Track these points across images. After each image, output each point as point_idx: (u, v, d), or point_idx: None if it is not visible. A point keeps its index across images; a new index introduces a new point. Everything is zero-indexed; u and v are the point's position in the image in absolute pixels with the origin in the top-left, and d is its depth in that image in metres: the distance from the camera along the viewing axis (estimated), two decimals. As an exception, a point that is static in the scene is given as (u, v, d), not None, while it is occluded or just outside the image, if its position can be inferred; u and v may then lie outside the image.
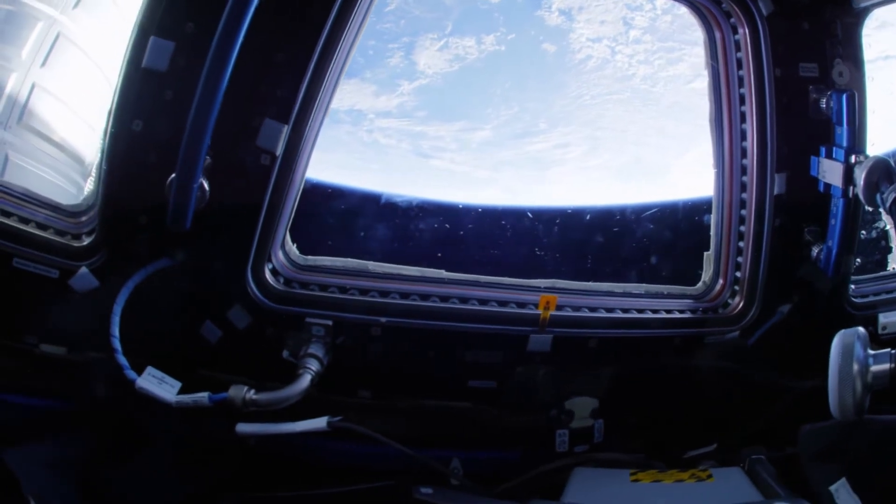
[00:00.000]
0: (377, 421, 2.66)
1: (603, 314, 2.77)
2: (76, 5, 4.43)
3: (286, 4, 2.29)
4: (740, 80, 2.77)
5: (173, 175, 2.28)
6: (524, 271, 2.88)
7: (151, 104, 2.31)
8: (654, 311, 2.84)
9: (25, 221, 2.60)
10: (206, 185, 2.33)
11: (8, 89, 4.18)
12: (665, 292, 2.90)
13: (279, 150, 2.35)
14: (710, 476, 2.56)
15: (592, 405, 2.82)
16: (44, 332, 2.67)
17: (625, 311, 2.80)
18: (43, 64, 4.31)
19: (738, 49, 2.74)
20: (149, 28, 2.25)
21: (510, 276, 2.85)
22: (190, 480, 2.68)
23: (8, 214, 2.60)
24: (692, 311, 2.90)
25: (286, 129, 2.34)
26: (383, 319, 2.56)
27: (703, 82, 2.98)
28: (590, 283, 2.84)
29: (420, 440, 2.72)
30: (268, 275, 2.56)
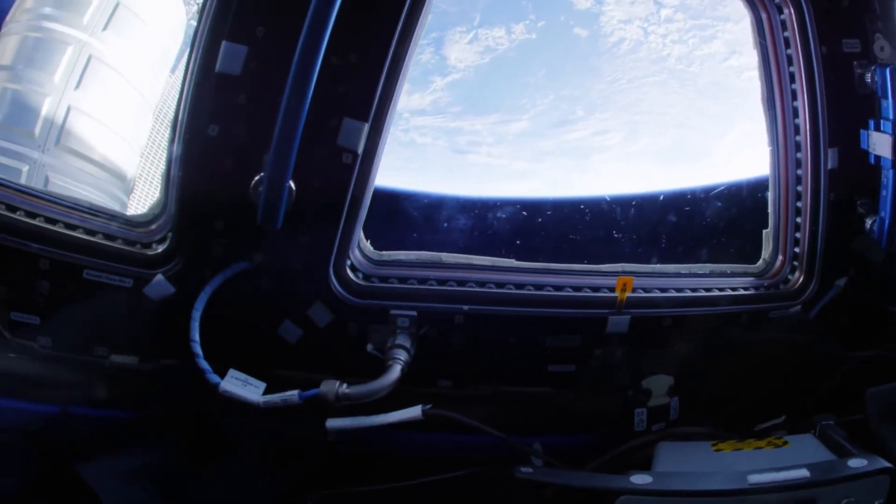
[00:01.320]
0: (457, 410, 2.64)
1: (673, 294, 2.78)
2: (105, 27, 4.43)
3: (358, 4, 2.29)
4: (789, 58, 2.80)
5: (259, 176, 2.26)
6: (586, 258, 2.88)
7: (227, 109, 2.30)
8: (721, 290, 2.86)
9: (92, 233, 2.59)
10: (292, 185, 2.31)
11: (44, 113, 4.17)
12: (728, 271, 2.93)
13: (360, 149, 2.34)
14: (785, 443, 2.59)
15: (668, 383, 2.82)
16: (114, 342, 2.66)
17: (693, 290, 2.82)
18: (77, 86, 4.31)
19: (784, 28, 2.78)
20: (219, 33, 2.25)
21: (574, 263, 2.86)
22: (276, 481, 2.65)
23: (73, 227, 2.59)
24: (755, 288, 2.92)
25: (366, 128, 2.33)
26: (466, 308, 2.56)
27: (738, 60, 3.00)
28: (657, 266, 2.86)
29: (499, 427, 2.69)
30: (348, 271, 2.54)
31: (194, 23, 4.95)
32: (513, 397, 2.78)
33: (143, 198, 4.63)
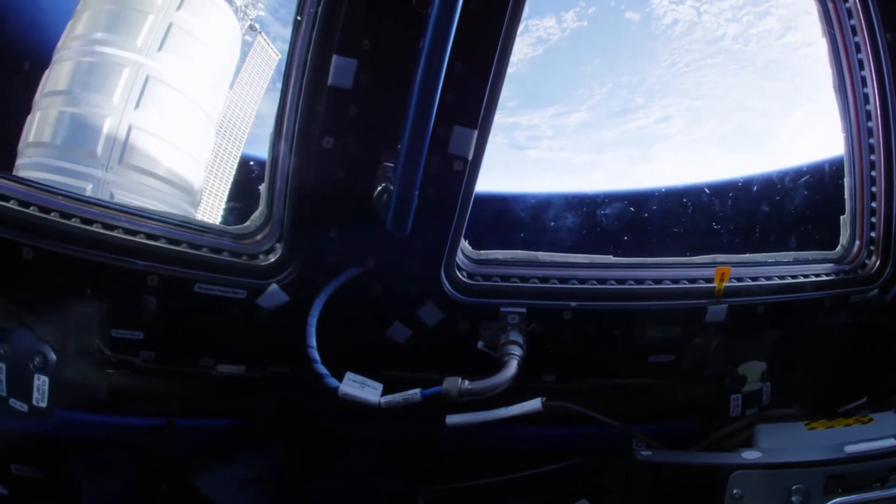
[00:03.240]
0: (563, 404, 2.57)
1: (763, 282, 2.73)
2: (160, 48, 4.35)
3: (463, 14, 2.23)
4: (857, 46, 2.78)
5: (383, 184, 2.20)
6: (670, 251, 2.83)
7: (340, 121, 2.23)
8: (805, 276, 2.81)
9: (197, 247, 2.51)
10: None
11: (105, 134, 4.09)
12: (810, 258, 2.89)
13: (470, 155, 2.27)
14: (870, 420, 2.61)
15: (761, 368, 2.78)
16: (220, 353, 2.58)
17: (781, 277, 2.76)
18: (137, 106, 4.22)
19: (850, 16, 2.75)
20: (327, 48, 2.17)
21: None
22: (390, 480, 2.56)
23: (177, 242, 2.50)
24: (835, 274, 2.88)
25: (475, 135, 2.27)
26: (573, 304, 2.50)
27: (794, 36, 2.96)
28: (746, 255, 2.81)
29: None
30: (456, 271, 2.47)
31: (249, 38, 4.91)
32: (614, 389, 2.72)
33: (211, 210, 4.54)
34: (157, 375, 2.59)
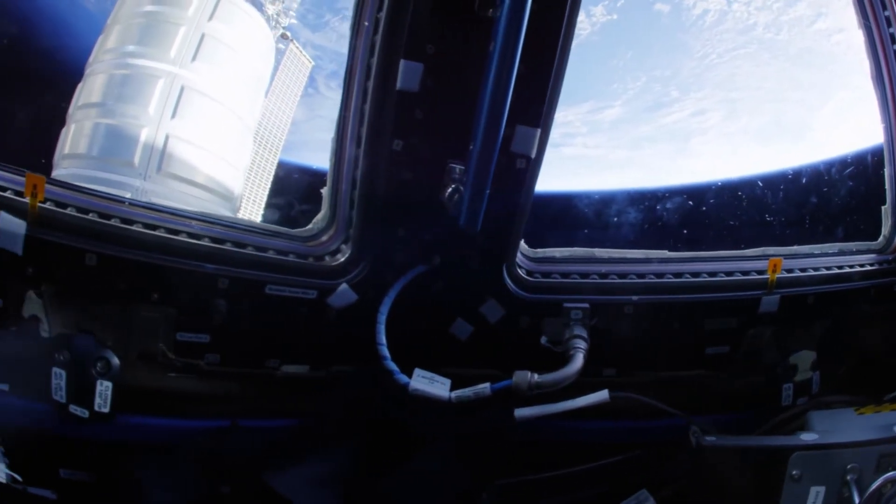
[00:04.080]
0: (619, 397, 2.56)
1: (812, 273, 2.75)
2: (194, 58, 4.34)
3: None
4: (892, 37, 2.81)
5: (454, 185, 2.20)
6: (712, 245, 2.85)
7: (408, 124, 2.23)
8: (850, 267, 2.83)
9: (263, 250, 2.50)
10: None
11: (142, 144, 4.07)
12: (853, 248, 2.90)
13: (533, 153, 2.28)
14: None
15: (811, 357, 2.79)
16: (285, 353, 2.57)
17: (827, 268, 2.78)
18: (174, 116, 4.21)
19: (884, 8, 2.78)
20: (394, 52, 2.18)
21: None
22: (458, 474, 2.56)
23: (243, 245, 2.49)
24: (879, 264, 2.90)
25: (538, 133, 2.27)
26: (635, 298, 2.51)
27: (824, 22, 2.98)
28: (794, 247, 2.83)
29: (656, 412, 2.63)
30: (517, 268, 2.47)
31: (282, 46, 4.91)
32: (670, 381, 2.72)
33: (250, 216, 4.53)
34: (221, 377, 2.57)
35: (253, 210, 4.68)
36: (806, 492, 2.37)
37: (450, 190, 2.21)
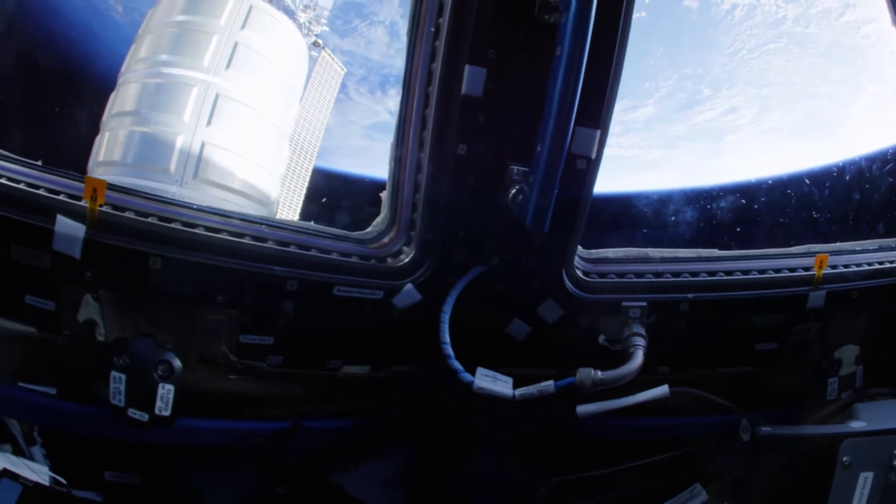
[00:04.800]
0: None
1: (855, 268, 2.80)
2: (228, 66, 4.36)
3: None
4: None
5: (518, 186, 2.22)
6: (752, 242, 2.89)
7: (472, 128, 2.26)
8: (891, 262, 2.88)
9: (327, 252, 2.50)
10: None
11: (178, 151, 4.08)
12: (892, 245, 2.95)
13: (593, 154, 2.30)
14: None
15: (855, 352, 2.82)
16: (347, 353, 2.58)
17: (869, 264, 2.83)
18: (209, 123, 4.21)
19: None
20: (458, 57, 2.20)
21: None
22: (518, 472, 2.57)
23: (307, 248, 2.50)
24: (919, 258, 2.95)
25: (598, 134, 2.30)
26: (691, 296, 2.53)
27: (853, 14, 3.00)
28: (837, 244, 2.87)
29: (706, 408, 2.65)
30: (575, 269, 2.50)
31: (315, 54, 4.92)
32: (721, 378, 2.75)
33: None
34: (283, 379, 2.57)
35: (289, 216, 4.67)
36: (855, 478, 2.41)
37: (514, 191, 2.22)
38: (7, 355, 2.54)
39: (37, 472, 2.57)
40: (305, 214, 5.14)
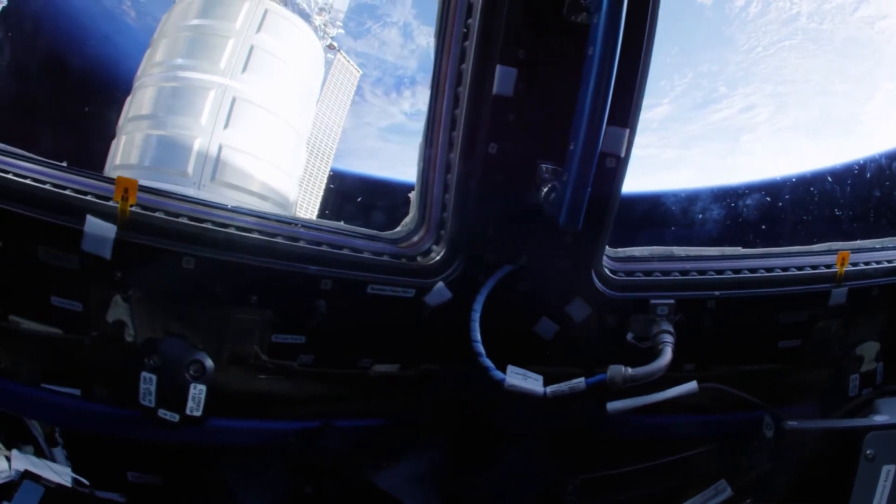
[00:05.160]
0: (695, 391, 2.60)
1: (876, 265, 2.83)
2: (244, 70, 4.37)
3: None
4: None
5: (551, 184, 2.24)
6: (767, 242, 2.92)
7: (502, 127, 2.27)
8: (910, 259, 2.91)
9: (359, 251, 2.51)
10: None
11: (195, 153, 4.08)
12: (912, 241, 2.99)
13: (622, 152, 2.32)
14: None
15: (876, 348, 2.85)
16: (377, 352, 2.59)
17: (889, 261, 2.86)
18: (226, 126, 4.22)
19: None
20: (488, 58, 2.22)
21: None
22: (546, 469, 2.58)
23: (339, 247, 2.51)
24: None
25: (626, 133, 2.32)
26: (717, 293, 2.55)
27: (867, 9, 3.00)
28: (857, 242, 2.90)
29: (730, 405, 2.67)
30: (603, 268, 2.51)
31: (330, 56, 4.94)
32: (744, 375, 2.77)
33: None
34: (313, 378, 2.58)
35: (307, 217, 4.68)
36: (878, 471, 2.41)
37: (546, 189, 2.24)
38: (32, 357, 2.53)
39: (59, 473, 2.56)
40: (324, 215, 5.15)
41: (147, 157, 4.18)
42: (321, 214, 5.14)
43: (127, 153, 4.28)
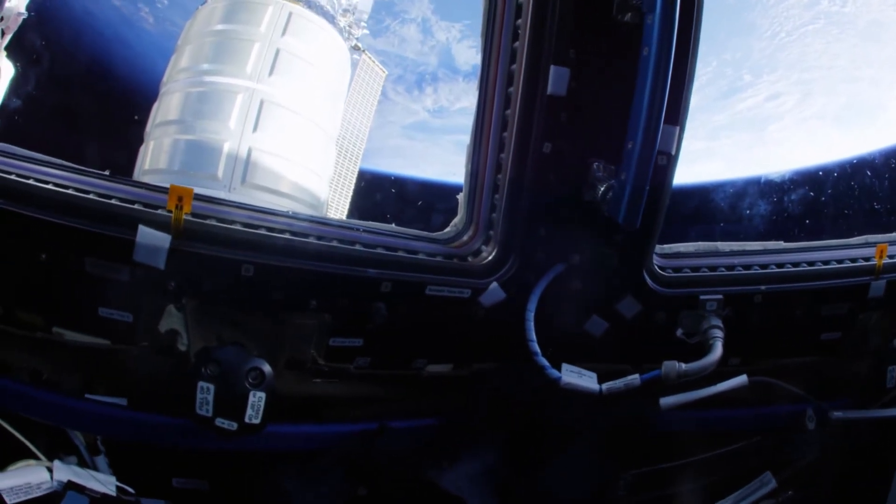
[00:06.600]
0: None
1: (912, 257, 2.85)
2: (271, 73, 4.34)
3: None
4: None
5: (609, 183, 2.24)
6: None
7: (556, 127, 2.28)
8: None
9: (414, 253, 2.52)
10: None
11: (224, 157, 4.06)
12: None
13: (673, 150, 2.33)
14: None
15: (915, 340, 2.87)
16: (431, 353, 2.59)
17: (922, 253, 2.88)
18: (255, 129, 4.20)
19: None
20: (540, 58, 2.22)
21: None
22: (600, 465, 2.60)
23: (394, 249, 2.51)
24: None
25: (677, 130, 2.33)
26: (763, 287, 2.57)
27: None
28: (892, 234, 2.92)
29: (775, 398, 2.71)
30: (653, 265, 2.53)
31: (356, 57, 4.90)
32: (789, 368, 2.79)
33: None
34: (369, 380, 2.58)
35: (336, 214, 4.66)
36: (918, 459, 2.43)
37: (603, 188, 2.24)
38: (78, 368, 2.50)
39: (103, 482, 2.52)
40: (354, 215, 5.12)
41: (176, 161, 4.15)
42: (350, 214, 5.13)
43: (156, 158, 4.25)
